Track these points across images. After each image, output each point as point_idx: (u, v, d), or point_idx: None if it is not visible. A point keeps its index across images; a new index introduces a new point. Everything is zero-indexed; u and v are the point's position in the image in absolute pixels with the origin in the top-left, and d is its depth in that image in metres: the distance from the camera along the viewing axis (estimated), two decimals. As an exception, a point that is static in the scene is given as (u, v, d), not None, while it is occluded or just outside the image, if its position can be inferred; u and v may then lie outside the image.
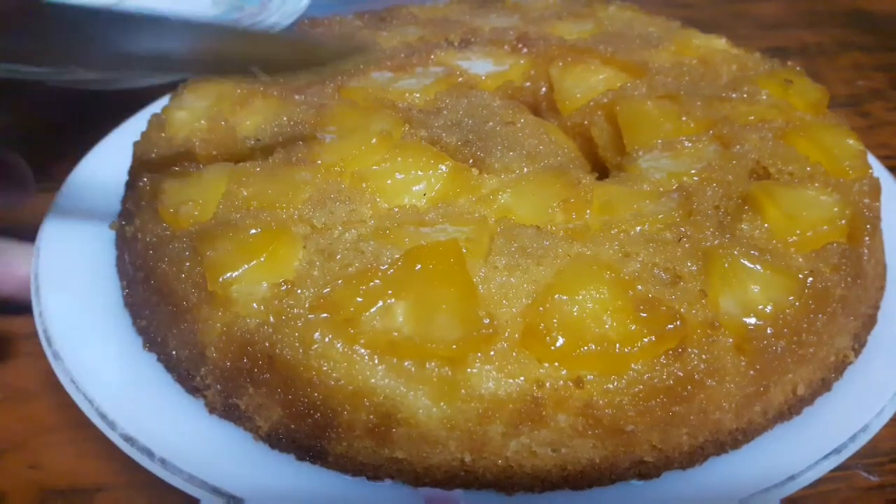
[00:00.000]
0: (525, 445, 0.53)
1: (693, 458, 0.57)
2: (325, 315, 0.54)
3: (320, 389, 0.53)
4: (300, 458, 0.56)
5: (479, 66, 0.86)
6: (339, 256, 0.58)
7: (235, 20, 1.26)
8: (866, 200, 0.66)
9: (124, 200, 0.73)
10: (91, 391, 0.59)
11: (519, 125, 0.75)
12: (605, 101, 0.79)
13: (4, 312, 0.78)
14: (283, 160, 0.69)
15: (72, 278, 0.70)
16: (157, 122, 0.77)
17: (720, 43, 0.92)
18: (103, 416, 0.57)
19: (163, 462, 0.54)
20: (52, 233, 0.74)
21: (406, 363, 0.52)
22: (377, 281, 0.54)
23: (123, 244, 0.69)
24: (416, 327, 0.52)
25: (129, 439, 0.56)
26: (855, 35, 1.46)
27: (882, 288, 0.70)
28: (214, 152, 0.74)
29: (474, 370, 0.52)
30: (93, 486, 0.63)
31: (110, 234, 0.74)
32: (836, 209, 0.64)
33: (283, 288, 0.56)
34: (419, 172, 0.66)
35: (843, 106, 1.21)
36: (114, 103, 0.96)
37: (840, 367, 0.63)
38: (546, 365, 0.53)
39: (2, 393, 0.71)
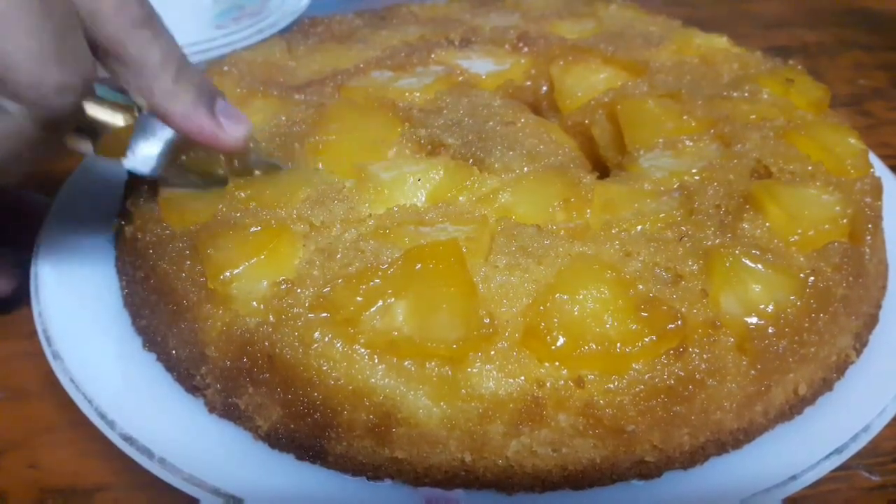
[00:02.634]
0: (525, 445, 0.53)
1: (694, 457, 0.56)
2: (325, 314, 0.54)
3: (320, 389, 0.53)
4: (300, 457, 0.56)
5: (480, 65, 0.86)
6: (339, 256, 0.58)
7: (235, 19, 1.26)
8: (868, 199, 0.66)
9: (124, 200, 0.73)
10: (90, 391, 0.59)
11: (519, 124, 0.75)
12: (606, 100, 0.79)
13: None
14: (281, 162, 0.69)
15: (71, 278, 0.70)
16: (157, 122, 0.76)
17: (721, 42, 0.92)
18: (103, 416, 0.57)
19: (162, 462, 0.54)
20: (52, 232, 0.74)
21: (406, 363, 0.52)
22: (377, 280, 0.54)
23: (123, 244, 0.69)
24: (417, 327, 0.52)
25: (128, 439, 0.56)
26: (856, 34, 1.46)
27: (884, 287, 0.70)
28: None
29: (475, 370, 0.52)
30: (92, 486, 0.63)
31: (110, 234, 0.74)
32: (837, 208, 0.64)
33: (283, 287, 0.56)
34: (418, 172, 0.66)
35: (844, 105, 1.21)
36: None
37: (842, 367, 0.63)
38: (547, 364, 0.52)
39: (2, 392, 0.71)
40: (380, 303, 0.53)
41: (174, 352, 0.61)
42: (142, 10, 0.59)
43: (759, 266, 0.57)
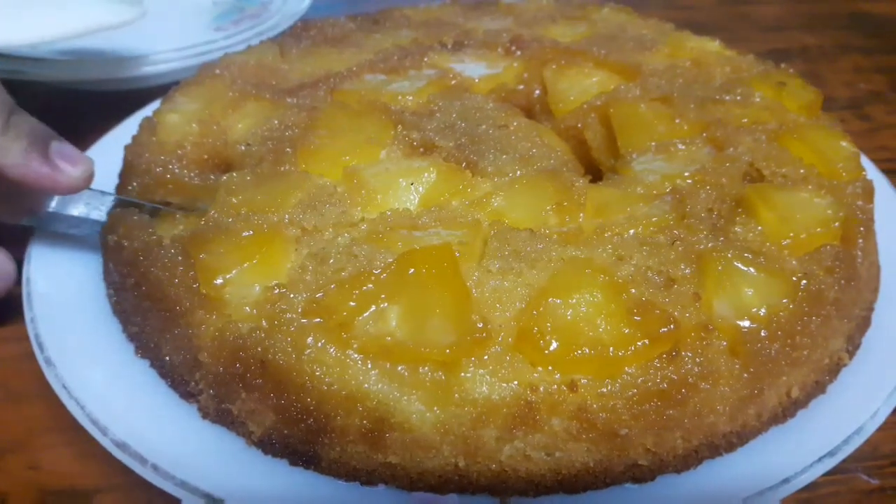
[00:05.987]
0: (519, 450, 0.53)
1: (687, 461, 0.56)
2: (319, 320, 0.54)
3: (313, 394, 0.53)
4: (293, 463, 0.56)
5: (473, 68, 0.86)
6: (331, 261, 0.58)
7: (235, 21, 1.25)
8: (860, 202, 0.66)
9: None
10: (82, 397, 0.59)
11: (512, 128, 0.75)
12: (599, 103, 0.79)
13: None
14: (272, 165, 0.69)
15: (64, 284, 0.70)
16: (148, 126, 0.76)
17: (713, 45, 0.92)
18: (95, 422, 0.57)
19: (155, 468, 0.54)
20: (44, 238, 0.74)
21: (399, 368, 0.52)
22: (370, 285, 0.54)
23: (108, 252, 0.69)
24: (410, 331, 0.52)
25: (121, 445, 0.56)
26: (855, 37, 1.46)
27: (876, 290, 0.70)
28: (206, 156, 0.74)
29: (468, 374, 0.52)
30: (92, 488, 0.63)
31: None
32: (829, 211, 0.64)
33: (276, 292, 0.56)
34: (411, 175, 0.66)
35: (843, 108, 1.21)
36: (109, 105, 0.96)
37: (834, 370, 0.63)
38: (540, 369, 0.53)
39: (1, 394, 0.71)
40: (373, 307, 0.53)
41: (167, 358, 0.61)
42: None
43: (752, 269, 0.58)
